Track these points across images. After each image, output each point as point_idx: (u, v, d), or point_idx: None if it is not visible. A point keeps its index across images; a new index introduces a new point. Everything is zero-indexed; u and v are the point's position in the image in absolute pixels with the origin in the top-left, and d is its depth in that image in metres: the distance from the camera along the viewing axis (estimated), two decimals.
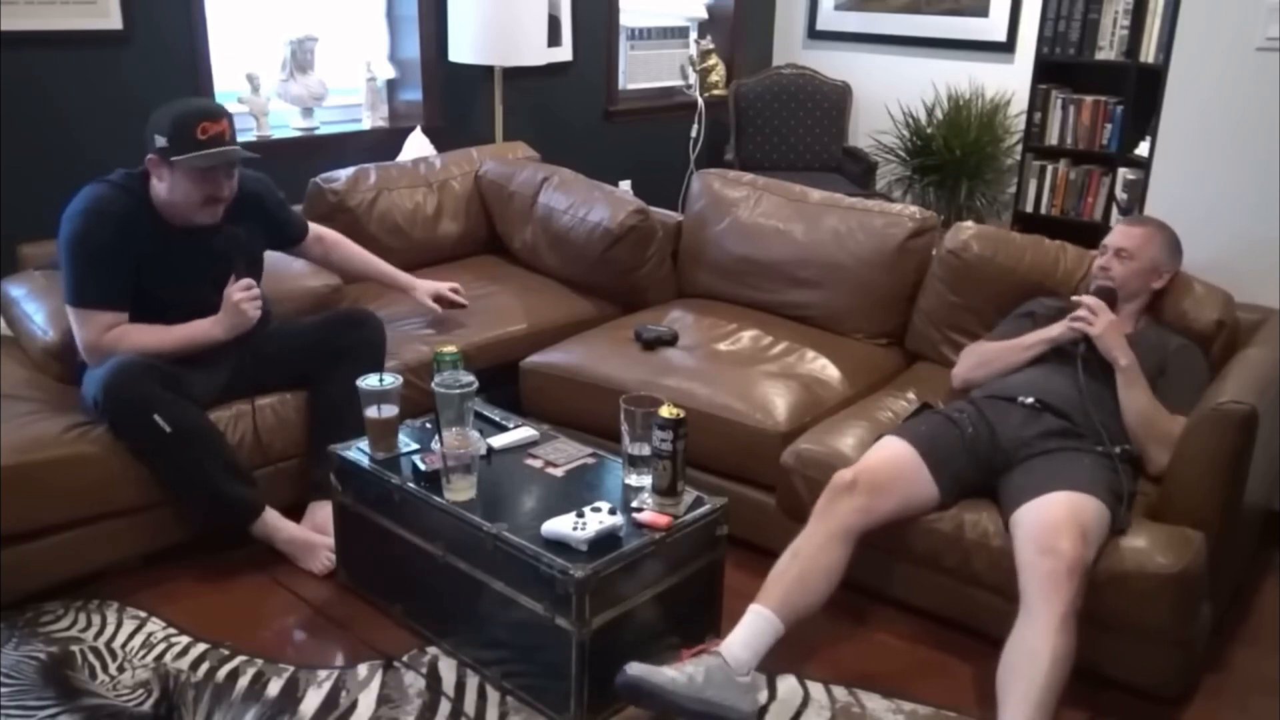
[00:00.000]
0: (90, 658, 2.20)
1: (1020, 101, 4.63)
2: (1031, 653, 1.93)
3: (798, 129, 4.98)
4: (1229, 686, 2.26)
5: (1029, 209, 4.59)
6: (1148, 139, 3.73)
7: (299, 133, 3.71)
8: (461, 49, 3.87)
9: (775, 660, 2.07)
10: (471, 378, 2.28)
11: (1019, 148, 4.63)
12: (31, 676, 2.13)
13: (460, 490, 2.15)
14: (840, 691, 2.18)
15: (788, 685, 2.18)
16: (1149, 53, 4.08)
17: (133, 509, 2.43)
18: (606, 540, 1.99)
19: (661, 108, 5.02)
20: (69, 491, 2.33)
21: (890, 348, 3.11)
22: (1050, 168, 4.52)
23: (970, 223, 2.98)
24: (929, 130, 4.79)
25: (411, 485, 2.22)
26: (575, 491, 2.20)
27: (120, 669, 2.18)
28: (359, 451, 2.36)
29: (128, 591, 2.43)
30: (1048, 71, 4.45)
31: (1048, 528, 2.05)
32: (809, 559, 2.12)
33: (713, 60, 5.15)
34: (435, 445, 2.19)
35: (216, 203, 2.50)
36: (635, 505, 2.12)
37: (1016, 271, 2.83)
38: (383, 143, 3.87)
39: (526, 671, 2.11)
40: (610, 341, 3.03)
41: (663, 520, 2.06)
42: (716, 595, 2.26)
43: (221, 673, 2.17)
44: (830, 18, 5.26)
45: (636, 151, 4.87)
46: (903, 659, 2.31)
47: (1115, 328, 2.41)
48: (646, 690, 1.92)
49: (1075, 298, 2.55)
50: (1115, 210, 4.25)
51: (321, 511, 2.58)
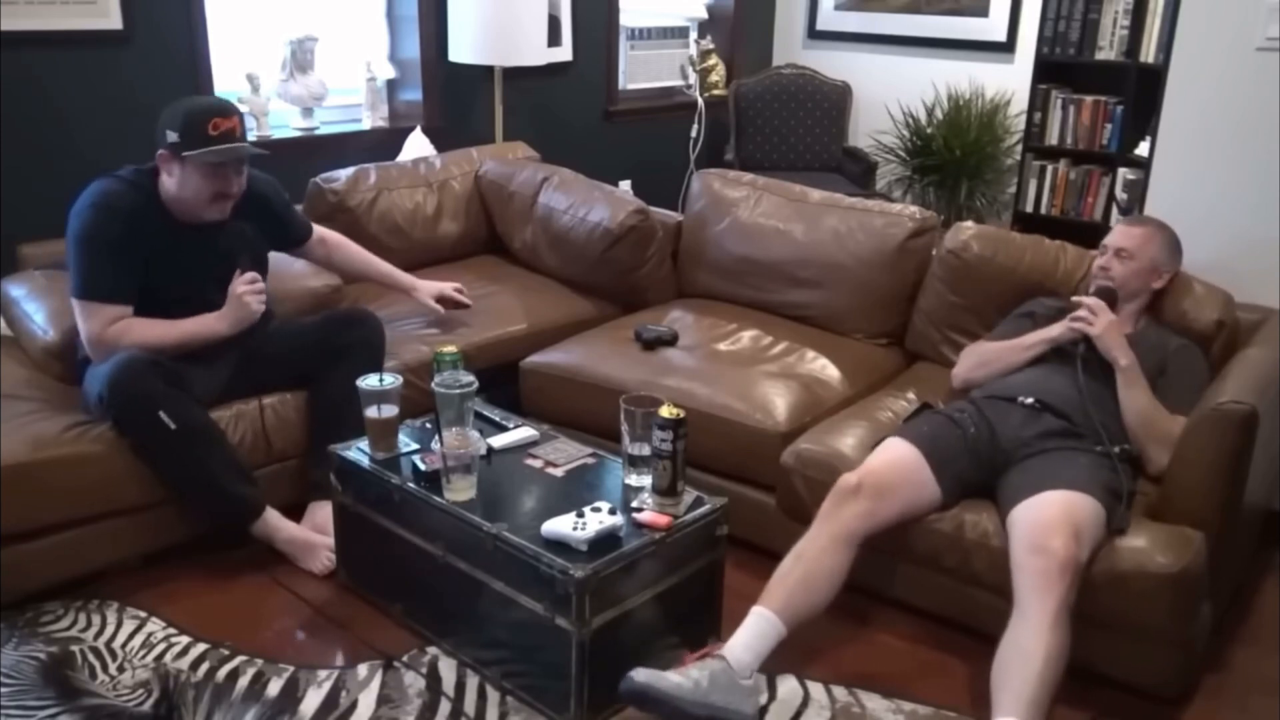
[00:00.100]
0: (90, 658, 2.20)
1: (1020, 101, 4.62)
2: (1025, 650, 1.93)
3: (798, 129, 4.98)
4: (1229, 686, 2.26)
5: (1029, 209, 4.59)
6: (1148, 139, 3.73)
7: (299, 133, 3.71)
8: (461, 49, 3.87)
9: (775, 660, 2.06)
10: (471, 378, 2.28)
11: (1019, 148, 4.63)
12: (31, 676, 2.13)
13: (460, 490, 2.15)
14: (840, 691, 2.18)
15: (788, 685, 2.18)
16: (1149, 53, 4.08)
17: (133, 508, 2.43)
18: (606, 540, 1.99)
19: (661, 108, 5.02)
20: (69, 491, 2.33)
21: (890, 348, 3.11)
22: (1050, 168, 4.51)
23: (970, 223, 2.98)
24: (929, 130, 4.79)
25: (411, 485, 2.22)
26: (575, 491, 2.20)
27: (120, 669, 2.18)
28: (359, 451, 2.36)
29: (128, 591, 2.43)
30: (1048, 71, 4.45)
31: (1041, 526, 2.05)
32: (813, 562, 2.12)
33: (713, 60, 5.15)
34: (435, 445, 2.19)
35: (225, 199, 2.51)
36: (635, 505, 2.12)
37: (1016, 271, 2.83)
38: (383, 143, 3.86)
39: (526, 671, 2.11)
40: (610, 341, 3.03)
41: (663, 520, 2.06)
42: (716, 595, 2.26)
43: (221, 673, 2.17)
44: (830, 18, 5.26)
45: (636, 151, 4.86)
46: (903, 659, 2.31)
47: (1115, 328, 2.41)
48: (652, 697, 1.91)
49: (1075, 298, 2.55)
50: (1115, 210, 4.25)
51: (321, 511, 2.59)
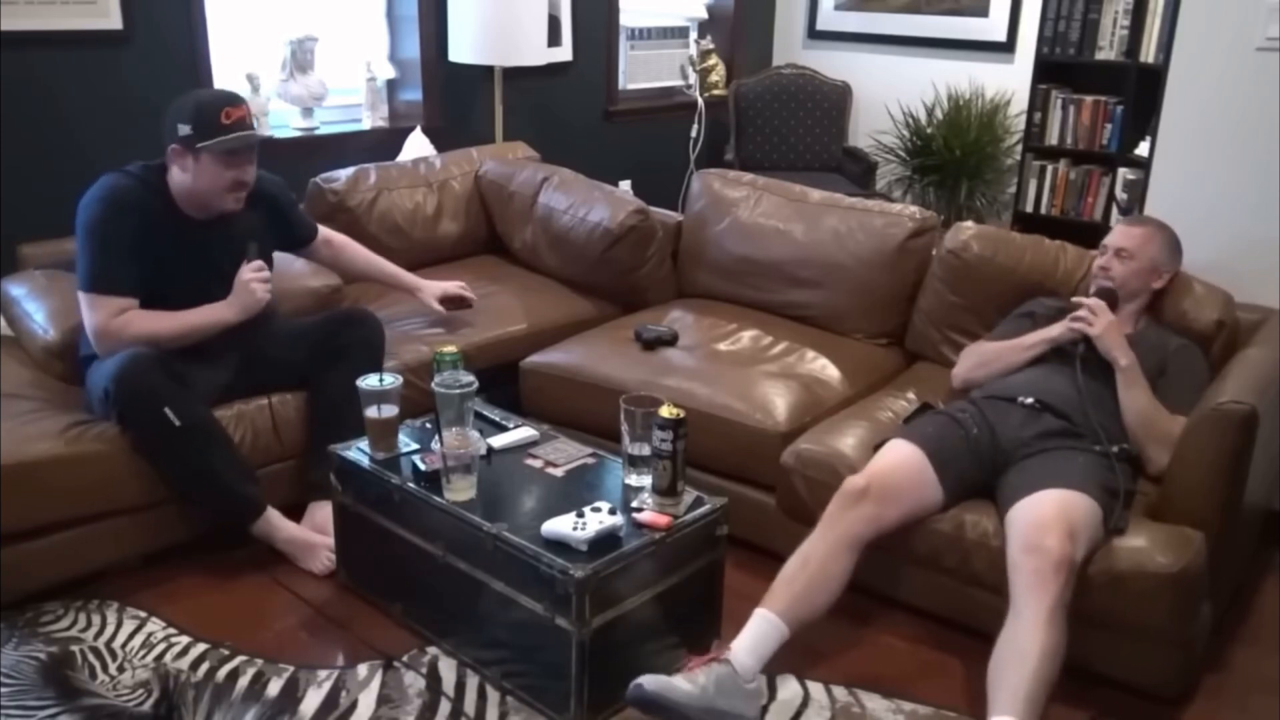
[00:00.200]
0: (90, 658, 2.20)
1: (1020, 101, 4.62)
2: (1020, 649, 1.93)
3: (798, 129, 4.98)
4: (1229, 686, 2.26)
5: (1029, 209, 4.58)
6: (1148, 139, 3.73)
7: (299, 133, 3.71)
8: (461, 49, 3.87)
9: (775, 660, 2.06)
10: (471, 378, 2.28)
11: (1019, 148, 4.63)
12: (31, 676, 2.13)
13: (460, 490, 2.15)
14: (840, 692, 2.18)
15: (788, 685, 2.18)
16: (1149, 53, 4.08)
17: (133, 508, 2.43)
18: (606, 540, 1.99)
19: (661, 108, 5.02)
20: (69, 490, 2.33)
21: (890, 348, 3.11)
22: (1050, 168, 4.51)
23: (970, 223, 2.98)
24: (929, 130, 4.79)
25: (411, 485, 2.22)
26: (575, 491, 2.20)
27: (120, 669, 2.17)
28: (359, 451, 2.36)
29: (128, 591, 2.43)
30: (1048, 71, 4.45)
31: (1036, 525, 2.06)
32: (817, 566, 2.12)
33: (713, 60, 5.15)
34: (435, 445, 2.19)
35: (242, 186, 2.52)
36: (635, 505, 2.12)
37: (1016, 271, 2.83)
38: (383, 143, 3.86)
39: (526, 671, 2.10)
40: (610, 341, 3.03)
41: (663, 520, 2.06)
42: (716, 595, 2.26)
43: (221, 673, 2.17)
44: (830, 18, 5.26)
45: (636, 151, 4.86)
46: (903, 659, 2.31)
47: (1115, 328, 2.41)
48: (660, 704, 1.91)
49: (1075, 298, 2.55)
50: (1115, 210, 4.25)
51: (321, 511, 2.59)
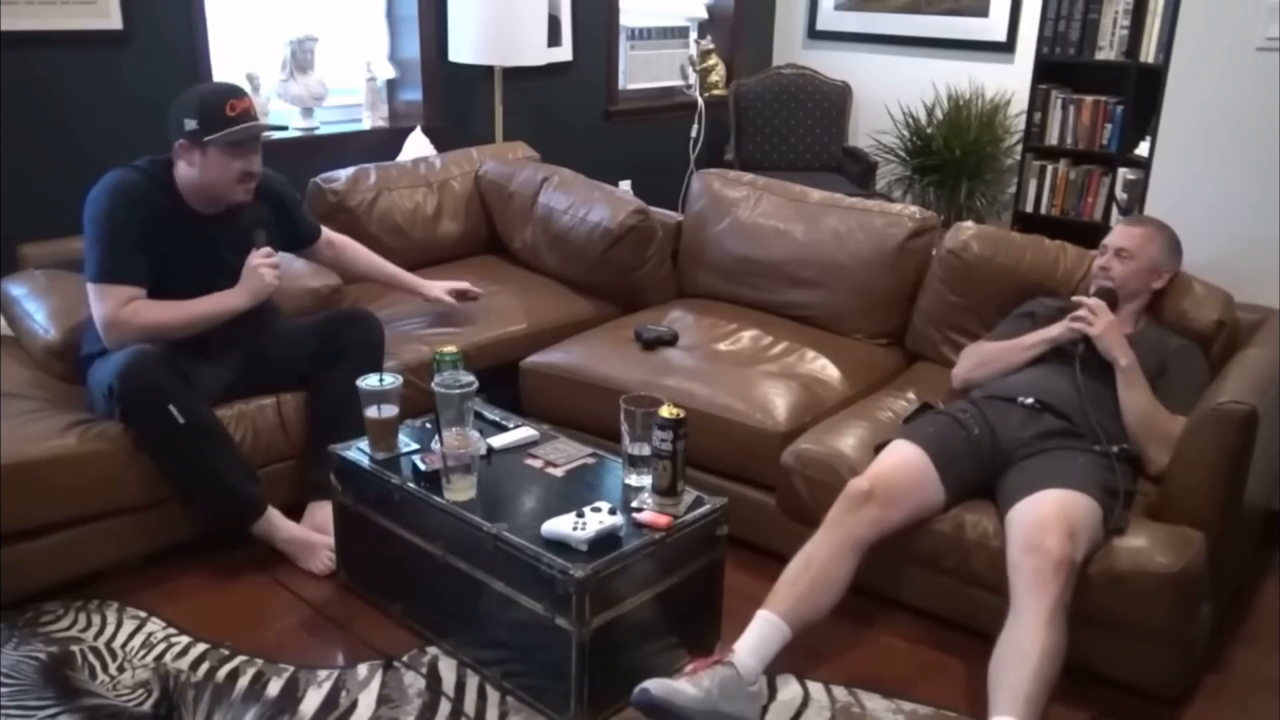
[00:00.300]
0: (90, 658, 2.20)
1: (1020, 101, 4.62)
2: (1021, 649, 1.93)
3: (798, 129, 4.98)
4: (1229, 686, 2.26)
5: (1029, 209, 4.58)
6: (1148, 139, 3.73)
7: (299, 133, 3.71)
8: (461, 49, 3.87)
9: (776, 660, 2.06)
10: (471, 378, 2.28)
11: (1019, 148, 4.63)
12: (31, 676, 2.13)
13: (460, 490, 2.15)
14: (840, 692, 2.18)
15: (788, 686, 2.18)
16: (1149, 53, 4.08)
17: (133, 507, 2.43)
18: (606, 540, 1.99)
19: (661, 108, 5.02)
20: (69, 489, 2.33)
21: (890, 348, 3.11)
22: (1050, 168, 4.51)
23: (970, 223, 2.98)
24: (929, 130, 4.79)
25: (411, 485, 2.22)
26: (575, 491, 2.20)
27: (120, 669, 2.17)
28: (359, 451, 2.36)
29: (128, 591, 2.43)
30: (1048, 71, 4.45)
31: (1036, 525, 2.06)
32: (820, 568, 2.12)
33: (713, 60, 5.15)
34: (435, 445, 2.19)
35: (249, 178, 2.53)
36: (635, 505, 2.12)
37: (1016, 271, 2.83)
38: (383, 143, 3.86)
39: (526, 671, 2.10)
40: (610, 341, 3.03)
41: (663, 520, 2.06)
42: (716, 595, 2.26)
43: (221, 673, 2.17)
44: (830, 18, 5.26)
45: (636, 151, 4.86)
46: (903, 660, 2.31)
47: (1115, 328, 2.41)
48: (666, 709, 1.91)
49: (1075, 298, 2.55)
50: (1115, 210, 4.25)
51: (321, 511, 2.59)
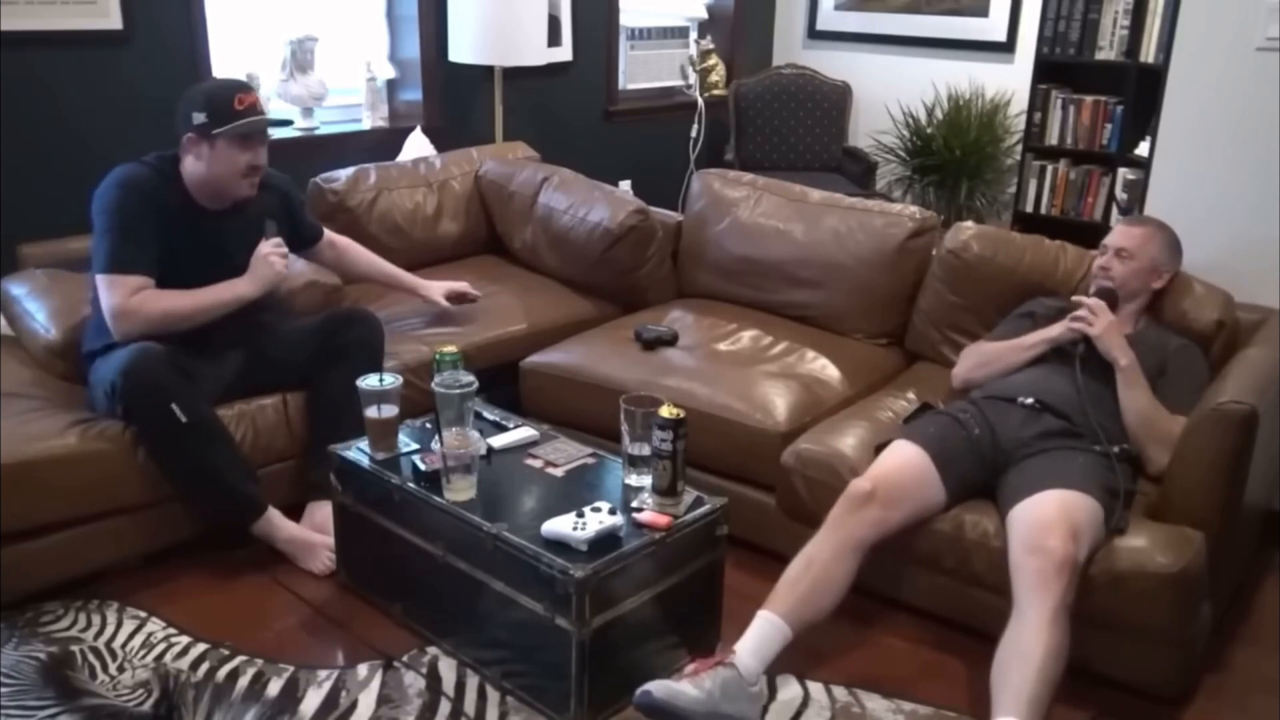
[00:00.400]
0: (90, 658, 2.20)
1: (1020, 101, 4.62)
2: (1023, 650, 1.93)
3: (798, 129, 4.98)
4: (1229, 686, 2.26)
5: (1029, 209, 4.58)
6: (1148, 139, 3.73)
7: (299, 133, 3.71)
8: (461, 49, 3.87)
9: (777, 661, 2.06)
10: (471, 378, 2.28)
11: (1019, 148, 4.63)
12: (31, 676, 2.13)
13: (460, 490, 2.15)
14: (840, 692, 2.18)
15: (788, 686, 2.18)
16: (1149, 53, 4.08)
17: (134, 507, 2.43)
18: (606, 540, 1.99)
19: (661, 108, 5.02)
20: (69, 489, 2.33)
21: (890, 348, 3.11)
22: (1050, 168, 4.51)
23: (970, 223, 2.98)
24: (929, 130, 4.79)
25: (411, 485, 2.22)
26: (575, 491, 2.20)
27: (120, 669, 2.17)
28: (359, 451, 2.36)
29: (128, 591, 2.43)
30: (1048, 71, 4.45)
31: (1038, 526, 2.06)
32: (821, 568, 2.12)
33: (713, 60, 5.15)
34: (435, 445, 2.19)
35: (255, 171, 2.55)
36: (635, 505, 2.12)
37: (1016, 271, 2.83)
38: (383, 143, 3.86)
39: (526, 671, 2.11)
40: (610, 341, 3.03)
41: (663, 520, 2.06)
42: (716, 595, 2.26)
43: (221, 673, 2.17)
44: (830, 18, 5.26)
45: (636, 151, 4.86)
46: (904, 660, 2.31)
47: (1115, 328, 2.41)
48: (668, 711, 1.91)
49: (1075, 298, 2.55)
50: (1115, 210, 4.25)
51: (321, 511, 2.59)
